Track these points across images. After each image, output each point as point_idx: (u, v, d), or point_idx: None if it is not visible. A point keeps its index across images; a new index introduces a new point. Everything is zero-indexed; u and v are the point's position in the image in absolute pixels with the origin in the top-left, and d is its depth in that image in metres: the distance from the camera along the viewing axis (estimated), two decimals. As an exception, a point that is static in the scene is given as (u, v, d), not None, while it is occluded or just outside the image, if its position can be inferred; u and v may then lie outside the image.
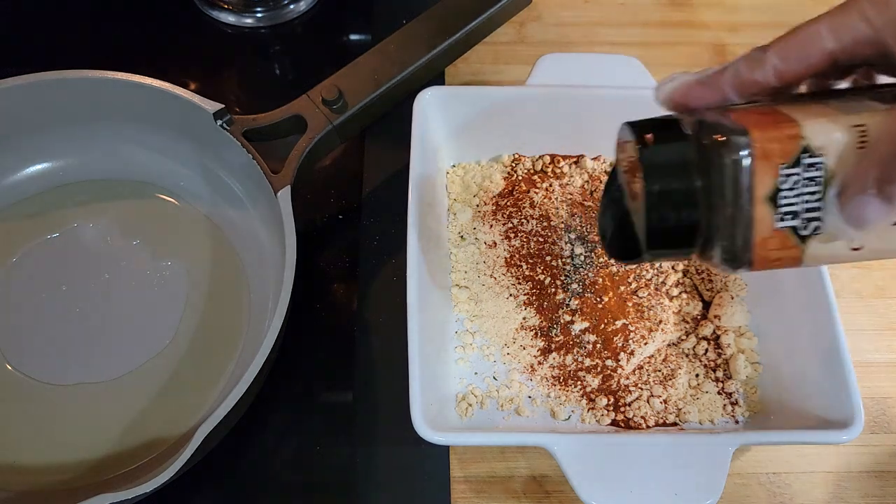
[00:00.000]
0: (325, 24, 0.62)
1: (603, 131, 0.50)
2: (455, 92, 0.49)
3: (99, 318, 0.46)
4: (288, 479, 0.42)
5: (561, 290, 0.46)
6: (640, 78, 0.50)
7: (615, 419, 0.43)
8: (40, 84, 0.46)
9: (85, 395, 0.43)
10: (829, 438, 0.37)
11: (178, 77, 0.55)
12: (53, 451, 0.42)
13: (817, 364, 0.41)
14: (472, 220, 0.49)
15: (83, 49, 0.60)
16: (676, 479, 0.36)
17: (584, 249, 0.47)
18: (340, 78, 0.48)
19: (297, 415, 0.44)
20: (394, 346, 0.43)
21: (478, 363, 0.45)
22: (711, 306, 0.46)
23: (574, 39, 0.62)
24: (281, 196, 0.43)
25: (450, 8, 0.51)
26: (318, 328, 0.47)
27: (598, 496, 0.35)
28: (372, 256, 0.49)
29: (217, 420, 0.35)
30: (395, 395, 0.41)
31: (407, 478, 0.42)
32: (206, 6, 0.62)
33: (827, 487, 0.43)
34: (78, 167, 0.51)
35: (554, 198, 0.50)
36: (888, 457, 0.44)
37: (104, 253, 0.48)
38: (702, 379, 0.44)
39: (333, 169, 0.54)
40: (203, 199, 0.50)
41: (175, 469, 0.34)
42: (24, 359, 0.44)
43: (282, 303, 0.39)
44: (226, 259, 0.48)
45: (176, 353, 0.45)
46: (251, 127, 0.45)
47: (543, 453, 0.38)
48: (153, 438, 0.42)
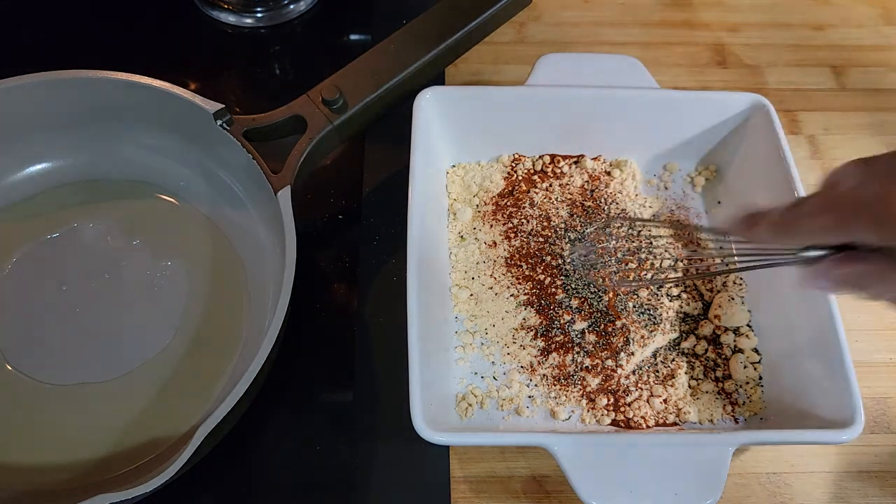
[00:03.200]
0: (325, 24, 0.62)
1: (603, 131, 0.50)
2: (455, 92, 0.49)
3: (99, 318, 0.46)
4: (288, 479, 0.42)
5: (561, 290, 0.46)
6: (640, 78, 0.50)
7: (615, 419, 0.43)
8: (40, 84, 0.45)
9: (85, 395, 0.43)
10: (829, 438, 0.37)
11: (178, 77, 0.55)
12: (53, 451, 0.42)
13: (817, 364, 0.41)
14: (472, 220, 0.49)
15: (83, 49, 0.60)
16: (676, 479, 0.36)
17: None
18: (340, 78, 0.48)
19: (297, 415, 0.44)
20: (394, 346, 0.43)
21: (478, 363, 0.45)
22: (711, 306, 0.46)
23: (574, 39, 0.62)
24: (281, 196, 0.43)
25: (450, 8, 0.51)
26: (318, 328, 0.47)
27: (598, 496, 0.35)
28: (372, 256, 0.49)
29: (217, 420, 0.35)
30: (395, 395, 0.41)
31: (407, 478, 0.42)
32: (206, 6, 0.62)
33: (827, 487, 0.43)
34: (78, 167, 0.51)
35: (554, 198, 0.50)
36: (888, 457, 0.44)
37: (104, 253, 0.48)
38: (702, 379, 0.44)
39: (333, 169, 0.54)
40: (203, 199, 0.50)
41: (175, 469, 0.34)
42: (24, 359, 0.44)
43: (282, 303, 0.39)
44: (226, 259, 0.48)
45: (176, 353, 0.45)
46: (251, 127, 0.45)
47: (543, 453, 0.38)
48: (153, 438, 0.42)
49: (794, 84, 0.60)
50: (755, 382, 0.44)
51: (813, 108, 0.58)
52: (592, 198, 0.50)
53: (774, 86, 0.60)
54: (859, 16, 0.65)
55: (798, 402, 0.41)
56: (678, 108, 0.50)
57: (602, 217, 0.48)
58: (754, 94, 0.48)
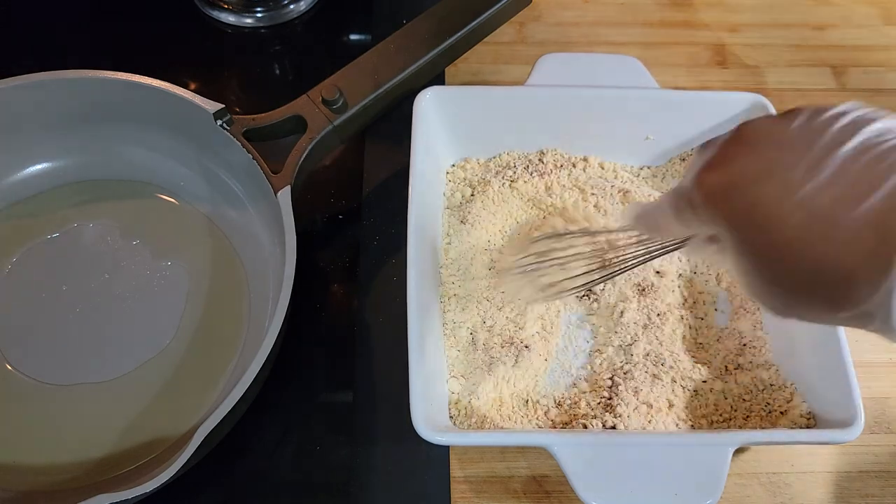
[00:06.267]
0: (325, 24, 0.62)
1: (603, 131, 0.50)
2: (455, 92, 0.49)
3: (99, 318, 0.46)
4: (288, 479, 0.42)
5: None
6: (640, 78, 0.50)
7: (615, 419, 0.43)
8: (40, 84, 0.45)
9: (85, 395, 0.43)
10: (829, 438, 0.37)
11: (178, 77, 0.55)
12: (53, 451, 0.42)
13: (818, 364, 0.41)
14: (473, 220, 0.49)
15: (83, 49, 0.60)
16: (676, 479, 0.36)
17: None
18: (340, 78, 0.48)
19: (297, 415, 0.44)
20: (394, 345, 0.43)
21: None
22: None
23: (574, 39, 0.62)
24: (281, 196, 0.43)
25: (450, 8, 0.51)
26: (318, 328, 0.47)
27: (598, 496, 0.35)
28: (372, 256, 0.49)
29: (217, 420, 0.35)
30: (395, 395, 0.41)
31: (407, 478, 0.42)
32: (206, 6, 0.62)
33: (827, 487, 0.43)
34: (78, 167, 0.51)
35: (550, 201, 0.50)
36: (888, 457, 0.44)
37: (104, 253, 0.48)
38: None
39: (333, 169, 0.54)
40: (203, 199, 0.50)
41: (175, 469, 0.34)
42: (24, 359, 0.44)
43: (282, 303, 0.39)
44: (226, 259, 0.48)
45: (176, 353, 0.45)
46: (251, 127, 0.45)
47: (543, 453, 0.38)
48: (153, 438, 0.42)
49: (794, 84, 0.60)
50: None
51: (813, 108, 0.58)
52: (592, 197, 0.49)
53: (774, 86, 0.60)
54: (859, 16, 0.65)
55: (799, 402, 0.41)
56: (678, 108, 0.50)
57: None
58: (754, 94, 0.48)
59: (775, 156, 0.26)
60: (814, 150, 0.25)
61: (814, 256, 0.24)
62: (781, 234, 0.25)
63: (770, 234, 0.25)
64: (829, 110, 0.26)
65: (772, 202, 0.25)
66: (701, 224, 0.29)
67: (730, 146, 0.28)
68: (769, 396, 0.42)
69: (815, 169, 0.24)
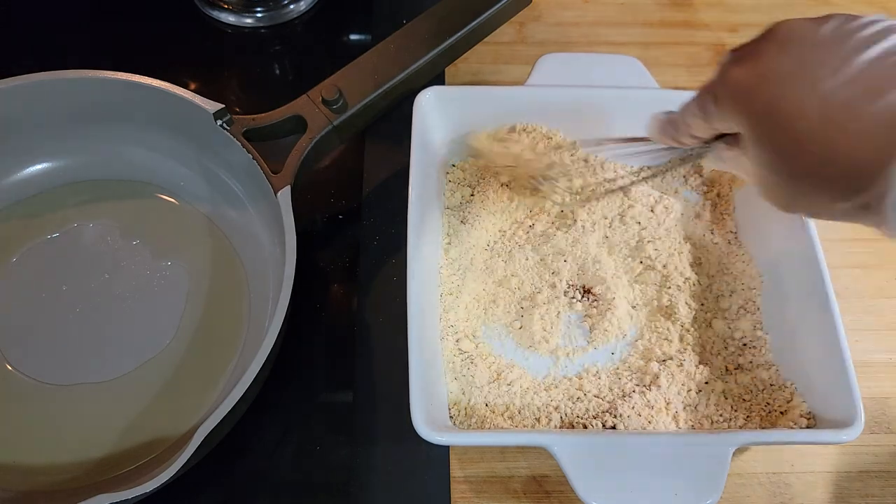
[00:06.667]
0: (325, 24, 0.62)
1: (603, 131, 0.50)
2: (455, 92, 0.49)
3: (99, 318, 0.46)
4: (288, 479, 0.42)
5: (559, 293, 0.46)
6: (640, 78, 0.50)
7: (614, 420, 0.43)
8: (40, 84, 0.45)
9: (85, 395, 0.43)
10: (829, 438, 0.37)
11: (178, 77, 0.55)
12: (53, 451, 0.42)
13: (817, 364, 0.41)
14: (472, 220, 0.49)
15: (83, 49, 0.60)
16: (676, 479, 0.36)
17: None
18: (340, 78, 0.48)
19: (297, 415, 0.44)
20: (394, 346, 0.43)
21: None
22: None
23: (574, 39, 0.62)
24: (281, 196, 0.43)
25: (450, 8, 0.51)
26: (318, 328, 0.47)
27: (598, 496, 0.35)
28: (372, 256, 0.49)
29: (217, 420, 0.35)
30: (395, 395, 0.41)
31: (407, 478, 0.42)
32: (206, 6, 0.62)
33: (827, 487, 0.43)
34: (78, 167, 0.51)
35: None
36: (888, 457, 0.44)
37: (104, 253, 0.48)
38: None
39: (333, 169, 0.54)
40: (203, 199, 0.50)
41: (175, 469, 0.34)
42: (24, 359, 0.44)
43: (282, 303, 0.39)
44: (226, 259, 0.48)
45: (176, 353, 0.45)
46: (251, 127, 0.45)
47: (543, 453, 0.38)
48: (153, 438, 0.42)
49: (794, 84, 0.60)
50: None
51: (813, 108, 0.58)
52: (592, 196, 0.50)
53: (774, 86, 0.59)
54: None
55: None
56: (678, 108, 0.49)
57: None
58: (754, 94, 0.48)
59: (805, 54, 0.27)
60: (842, 52, 0.26)
61: (830, 146, 0.26)
62: (803, 126, 0.27)
63: (792, 127, 0.27)
64: (862, 18, 0.27)
65: (796, 97, 0.27)
66: (723, 119, 0.31)
67: (761, 43, 0.29)
68: (769, 396, 0.42)
69: (840, 68, 0.26)
